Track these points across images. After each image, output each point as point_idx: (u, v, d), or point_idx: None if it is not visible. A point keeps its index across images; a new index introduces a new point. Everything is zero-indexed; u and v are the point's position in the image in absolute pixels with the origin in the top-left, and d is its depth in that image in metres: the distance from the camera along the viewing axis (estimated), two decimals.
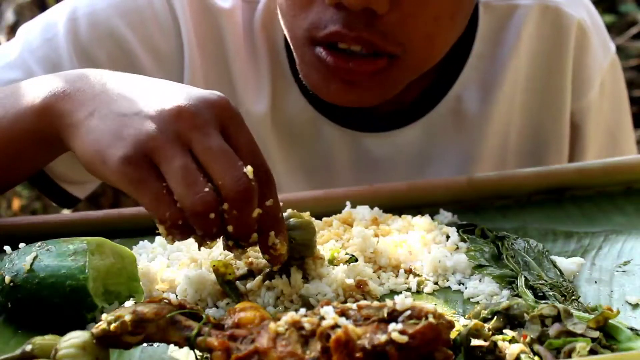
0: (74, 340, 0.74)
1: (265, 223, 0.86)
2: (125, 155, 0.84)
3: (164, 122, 0.85)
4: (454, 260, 0.96)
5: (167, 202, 0.83)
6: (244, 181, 0.83)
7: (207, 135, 0.85)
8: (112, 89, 0.92)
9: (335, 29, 1.05)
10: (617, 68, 1.42)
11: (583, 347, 0.75)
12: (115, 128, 0.87)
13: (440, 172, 1.30)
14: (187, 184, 0.82)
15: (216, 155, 0.84)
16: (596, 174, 1.15)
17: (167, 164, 0.84)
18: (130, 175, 0.84)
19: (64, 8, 1.25)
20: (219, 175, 0.83)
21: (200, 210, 0.82)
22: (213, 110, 0.87)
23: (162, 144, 0.84)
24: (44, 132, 0.96)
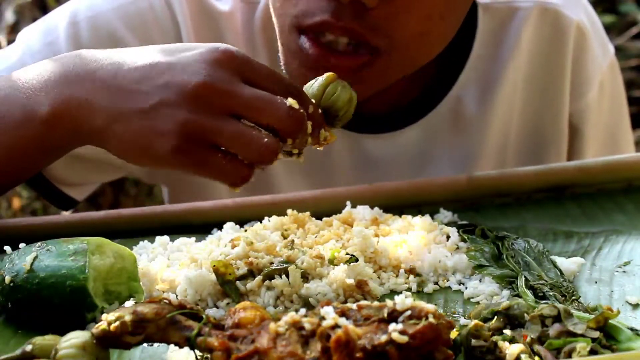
0: (74, 340, 0.74)
1: (314, 127, 0.93)
2: (174, 148, 0.89)
3: (192, 103, 0.89)
4: (454, 260, 0.96)
5: (233, 169, 0.90)
6: (294, 115, 0.90)
7: (236, 94, 0.89)
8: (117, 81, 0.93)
9: (323, 18, 1.04)
10: (616, 69, 1.42)
11: (583, 347, 0.75)
12: (145, 125, 0.90)
13: (440, 173, 1.30)
14: (246, 144, 0.89)
15: (256, 106, 0.89)
16: (596, 172, 1.15)
17: (219, 137, 0.89)
18: (186, 163, 0.90)
19: (64, 12, 1.25)
20: (271, 120, 0.90)
21: (269, 158, 0.90)
22: (225, 66, 0.90)
23: (202, 123, 0.88)
24: (53, 138, 0.97)
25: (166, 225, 1.09)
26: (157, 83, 0.91)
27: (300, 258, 0.93)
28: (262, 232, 0.98)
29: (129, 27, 1.23)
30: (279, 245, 0.96)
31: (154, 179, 1.39)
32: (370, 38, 1.05)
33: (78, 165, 1.24)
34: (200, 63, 0.90)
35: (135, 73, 0.92)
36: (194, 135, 0.89)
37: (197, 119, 0.88)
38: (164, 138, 0.89)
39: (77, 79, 0.95)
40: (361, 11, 1.03)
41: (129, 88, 0.92)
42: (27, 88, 0.98)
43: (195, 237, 1.03)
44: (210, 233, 1.07)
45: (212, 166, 0.90)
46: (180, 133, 0.88)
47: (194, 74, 0.89)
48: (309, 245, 0.97)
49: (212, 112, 0.89)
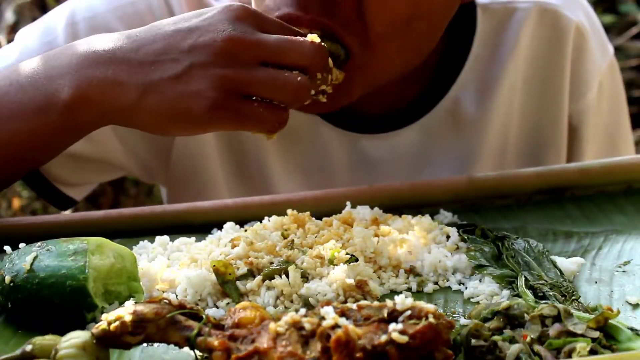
0: (74, 340, 0.74)
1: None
2: (213, 104, 0.92)
3: (222, 60, 0.92)
4: (454, 260, 0.96)
5: (269, 115, 0.94)
6: (317, 47, 0.97)
7: (261, 42, 0.94)
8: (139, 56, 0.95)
9: (287, 11, 1.04)
10: (615, 70, 1.42)
11: (583, 347, 0.75)
12: (181, 90, 0.93)
13: (438, 174, 1.30)
14: (281, 87, 0.94)
15: (282, 49, 0.95)
16: (596, 174, 1.15)
17: (254, 87, 0.93)
18: (226, 117, 0.94)
19: (63, 12, 1.25)
20: (300, 59, 0.96)
21: (304, 94, 0.96)
22: (245, 21, 0.95)
23: (236, 75, 0.93)
24: (75, 123, 0.99)
25: (166, 225, 1.09)
26: (182, 48, 0.94)
27: (300, 258, 0.93)
28: (262, 232, 0.98)
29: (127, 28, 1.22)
30: (279, 245, 0.96)
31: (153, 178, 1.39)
32: (343, 34, 1.05)
33: (77, 165, 1.24)
34: (220, 22, 0.94)
35: (156, 45, 0.95)
36: (230, 89, 0.93)
37: (231, 73, 0.92)
38: (201, 97, 0.92)
39: (98, 60, 0.96)
40: (330, 6, 1.03)
41: (155, 59, 0.94)
42: (47, 74, 0.99)
43: (195, 237, 1.03)
44: (210, 233, 1.08)
45: (250, 115, 0.94)
46: (216, 89, 0.92)
47: (218, 32, 0.93)
48: (309, 245, 0.97)
49: (243, 64, 0.93)
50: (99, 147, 1.25)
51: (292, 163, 1.30)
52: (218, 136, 1.28)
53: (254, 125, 0.96)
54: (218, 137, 1.28)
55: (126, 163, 1.30)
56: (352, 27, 1.05)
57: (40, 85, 0.99)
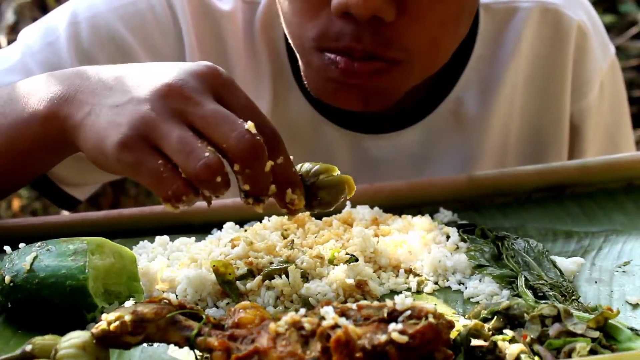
0: (74, 340, 0.74)
1: (279, 180, 0.87)
2: (121, 141, 0.85)
3: (155, 101, 0.86)
4: (454, 260, 0.96)
5: (168, 179, 0.83)
6: (248, 137, 0.83)
7: (199, 104, 0.86)
8: (107, 83, 0.93)
9: (344, 44, 1.05)
10: (617, 70, 1.42)
11: (583, 347, 0.75)
12: (110, 119, 0.88)
13: (440, 173, 1.30)
14: (186, 154, 0.83)
15: (213, 120, 0.85)
16: (596, 171, 1.15)
17: (164, 140, 0.84)
18: (127, 160, 0.85)
19: (64, 12, 1.25)
20: (222, 139, 0.84)
21: (205, 176, 0.82)
22: (202, 79, 0.88)
23: (155, 122, 0.85)
24: (50, 138, 0.97)
25: (166, 225, 1.09)
26: (136, 83, 0.90)
27: (300, 258, 0.93)
28: (262, 232, 0.98)
29: (128, 28, 1.23)
30: (279, 245, 0.96)
31: None
32: (385, 53, 1.06)
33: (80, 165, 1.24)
34: (180, 70, 0.89)
35: (124, 75, 0.93)
36: (142, 132, 0.85)
37: (151, 116, 0.85)
38: (116, 130, 0.86)
39: (79, 80, 0.95)
40: (379, 27, 1.04)
41: (114, 86, 0.92)
42: (29, 90, 0.99)
43: (195, 237, 1.03)
44: (210, 233, 1.08)
45: (148, 169, 0.84)
46: (132, 126, 0.86)
47: (169, 77, 0.88)
48: (309, 245, 0.97)
49: (170, 115, 0.86)
50: None
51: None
52: None
53: (148, 181, 0.85)
54: None
55: None
56: (395, 44, 1.05)
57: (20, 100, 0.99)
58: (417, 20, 1.05)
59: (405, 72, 1.10)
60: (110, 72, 0.94)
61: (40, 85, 0.98)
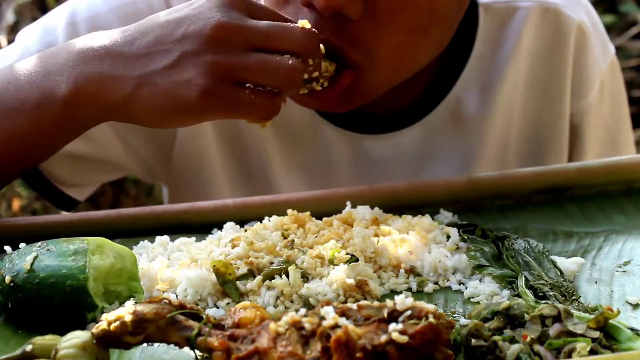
0: (74, 340, 0.74)
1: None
2: (204, 90, 0.92)
3: (212, 46, 0.92)
4: (454, 260, 0.96)
5: (262, 101, 0.93)
6: (309, 32, 0.96)
7: (252, 28, 0.93)
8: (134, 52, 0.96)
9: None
10: (617, 69, 1.42)
11: (583, 347, 0.75)
12: (174, 80, 0.93)
13: (440, 174, 1.30)
14: (272, 70, 0.93)
15: (273, 34, 0.94)
16: (597, 174, 1.15)
17: (244, 71, 0.93)
18: (218, 104, 0.93)
19: (63, 12, 1.25)
20: (291, 44, 0.95)
21: (297, 77, 0.95)
22: (235, 7, 0.94)
23: (227, 61, 0.92)
24: (75, 117, 0.99)
25: (166, 225, 1.09)
26: (173, 38, 0.94)
27: (300, 258, 0.93)
28: (262, 232, 0.98)
29: None
30: (279, 245, 0.96)
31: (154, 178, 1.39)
32: (350, 53, 1.05)
33: (78, 165, 1.24)
34: (209, 9, 0.94)
35: (149, 37, 0.96)
36: (220, 75, 0.92)
37: (221, 59, 0.92)
38: (192, 85, 0.92)
39: (94, 55, 0.97)
40: (343, 24, 1.03)
41: (147, 52, 0.95)
42: (44, 70, 1.00)
43: (195, 237, 1.03)
44: (210, 233, 1.07)
45: (243, 102, 0.93)
46: (207, 75, 0.91)
47: (207, 20, 0.93)
48: (309, 245, 0.97)
49: (234, 50, 0.92)
50: (99, 147, 1.25)
51: (294, 163, 1.30)
52: (219, 135, 1.28)
53: (247, 112, 0.95)
54: (219, 137, 1.28)
55: (127, 163, 1.30)
56: (359, 44, 1.05)
57: (37, 83, 0.99)
58: (383, 22, 1.04)
59: (366, 81, 1.08)
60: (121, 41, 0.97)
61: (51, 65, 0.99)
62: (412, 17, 1.05)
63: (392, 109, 1.27)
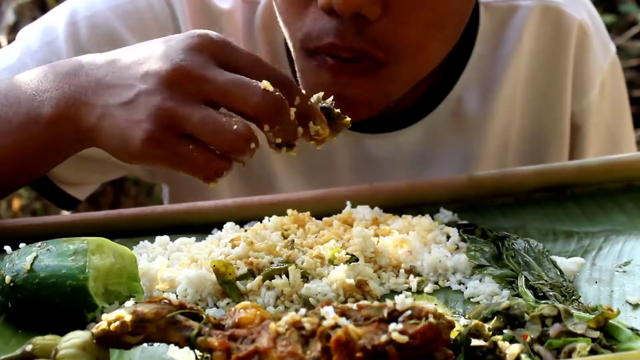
0: (74, 340, 0.74)
1: (302, 118, 0.90)
2: (147, 138, 0.87)
3: (165, 89, 0.87)
4: (454, 260, 0.96)
5: (205, 161, 0.86)
6: (268, 97, 0.86)
7: (210, 79, 0.87)
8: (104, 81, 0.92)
9: (329, 41, 1.05)
10: (617, 69, 1.42)
11: (583, 347, 0.75)
12: (126, 118, 0.89)
13: (441, 173, 1.30)
14: (215, 132, 0.85)
15: (230, 91, 0.86)
16: (596, 171, 1.15)
17: (189, 124, 0.86)
18: (159, 154, 0.87)
19: (63, 11, 1.25)
20: (243, 106, 0.86)
21: (240, 146, 0.86)
22: (202, 51, 0.89)
23: (175, 111, 0.86)
24: (59, 140, 0.97)
25: (166, 225, 1.09)
26: (136, 74, 0.90)
27: (300, 258, 0.93)
28: (262, 232, 0.98)
29: (127, 26, 1.23)
30: (279, 245, 0.96)
31: (154, 178, 1.39)
32: (373, 52, 1.05)
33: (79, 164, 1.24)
34: (176, 50, 0.89)
35: (119, 68, 0.92)
36: (166, 123, 0.86)
37: (169, 105, 0.86)
38: (138, 127, 0.87)
39: (78, 80, 0.95)
40: (363, 25, 1.03)
41: (116, 83, 0.91)
42: (32, 90, 0.98)
43: (195, 237, 1.03)
44: (210, 233, 1.07)
45: (183, 157, 0.86)
46: (153, 121, 0.86)
47: (169, 61, 0.88)
48: (309, 245, 0.97)
49: (185, 99, 0.86)
50: None
51: (295, 163, 1.30)
52: None
53: (186, 169, 0.88)
54: None
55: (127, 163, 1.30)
56: (381, 44, 1.05)
57: (24, 101, 0.98)
58: (401, 21, 1.04)
59: (391, 75, 1.09)
60: (103, 68, 0.94)
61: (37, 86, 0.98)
62: (429, 14, 1.06)
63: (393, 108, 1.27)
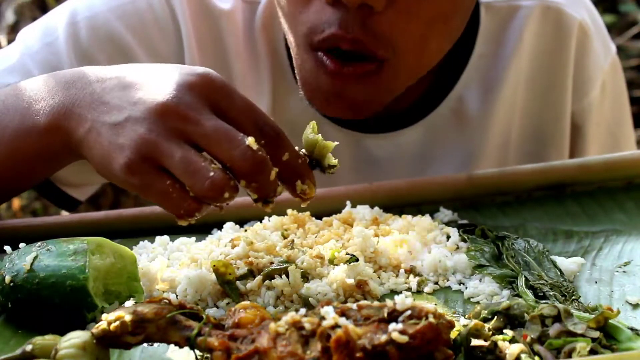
0: (74, 340, 0.74)
1: (288, 176, 0.89)
2: (126, 165, 0.86)
3: (152, 121, 0.86)
4: (454, 260, 0.96)
5: (178, 199, 0.85)
6: (250, 155, 0.84)
7: (197, 122, 0.86)
8: (102, 96, 0.92)
9: (332, 32, 1.04)
10: (618, 69, 1.42)
11: (583, 347, 0.75)
12: (112, 139, 0.89)
13: (441, 173, 1.30)
14: (191, 174, 0.84)
15: (214, 138, 0.85)
16: (596, 170, 1.15)
17: (168, 160, 0.85)
18: (135, 183, 0.87)
19: (63, 12, 1.25)
20: (225, 157, 0.85)
21: (213, 194, 0.84)
22: (197, 91, 0.88)
23: (156, 144, 0.86)
24: (52, 149, 0.97)
25: (166, 225, 1.09)
26: (130, 98, 0.90)
27: (300, 258, 0.93)
28: (262, 232, 0.98)
29: (127, 27, 1.23)
30: (279, 245, 0.96)
31: None
32: (375, 49, 1.05)
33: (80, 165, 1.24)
34: (173, 84, 0.88)
35: (119, 88, 0.92)
36: (146, 154, 0.86)
37: (152, 138, 0.86)
38: (120, 152, 0.87)
39: (74, 90, 0.95)
40: (367, 17, 1.03)
41: (109, 102, 0.91)
42: (29, 98, 0.98)
43: (195, 237, 1.03)
44: (210, 233, 1.07)
45: (157, 191, 0.86)
46: (134, 149, 0.86)
47: (162, 94, 0.87)
48: (309, 245, 0.97)
49: (170, 135, 0.86)
50: None
51: None
52: None
53: (158, 202, 0.87)
54: None
55: None
56: (383, 39, 1.05)
57: (20, 110, 0.98)
58: (406, 13, 1.04)
59: (392, 74, 1.09)
60: (103, 83, 0.94)
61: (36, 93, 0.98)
62: (434, 8, 1.06)
63: (393, 108, 1.27)
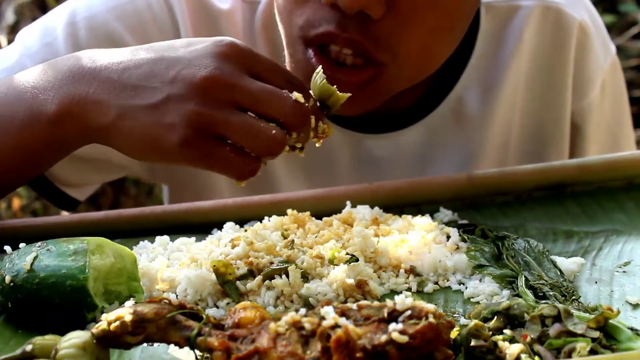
0: (74, 340, 0.74)
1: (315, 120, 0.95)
2: (184, 141, 0.90)
3: (200, 96, 0.90)
4: (454, 260, 0.96)
5: (241, 162, 0.91)
6: (300, 108, 0.92)
7: (243, 87, 0.91)
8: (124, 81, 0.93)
9: (328, 29, 1.04)
10: (618, 69, 1.42)
11: (583, 347, 0.75)
12: (155, 120, 0.91)
13: (441, 173, 1.30)
14: (254, 135, 0.90)
15: (265, 99, 0.91)
16: (596, 170, 1.15)
17: (226, 129, 0.90)
18: (194, 155, 0.91)
19: (62, 12, 1.25)
20: (277, 113, 0.91)
21: (277, 149, 0.91)
22: (232, 60, 0.92)
23: (211, 116, 0.90)
24: (61, 138, 0.98)
25: (166, 225, 1.09)
26: (164, 78, 0.92)
27: (300, 258, 0.93)
28: (262, 232, 0.98)
29: (126, 27, 1.23)
30: (279, 245, 0.96)
31: (155, 178, 1.39)
32: (374, 52, 1.05)
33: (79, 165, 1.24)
34: (206, 57, 0.91)
35: (141, 70, 0.93)
36: (202, 128, 0.90)
37: (205, 111, 0.90)
38: (173, 131, 0.90)
39: (83, 77, 0.95)
40: (366, 23, 1.03)
41: (136, 84, 0.93)
42: (33, 88, 0.98)
43: (195, 237, 1.03)
44: (210, 233, 1.07)
45: (219, 159, 0.91)
46: (188, 125, 0.90)
47: (201, 68, 0.91)
48: (309, 245, 0.97)
49: (220, 105, 0.90)
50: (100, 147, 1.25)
51: (296, 163, 1.30)
52: None
53: (222, 169, 0.93)
54: None
55: (128, 163, 1.30)
56: (384, 44, 1.04)
57: (25, 100, 0.98)
58: (407, 22, 1.04)
59: (388, 79, 1.08)
60: (119, 67, 0.94)
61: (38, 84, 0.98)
62: (435, 17, 1.05)
63: (393, 108, 1.27)
